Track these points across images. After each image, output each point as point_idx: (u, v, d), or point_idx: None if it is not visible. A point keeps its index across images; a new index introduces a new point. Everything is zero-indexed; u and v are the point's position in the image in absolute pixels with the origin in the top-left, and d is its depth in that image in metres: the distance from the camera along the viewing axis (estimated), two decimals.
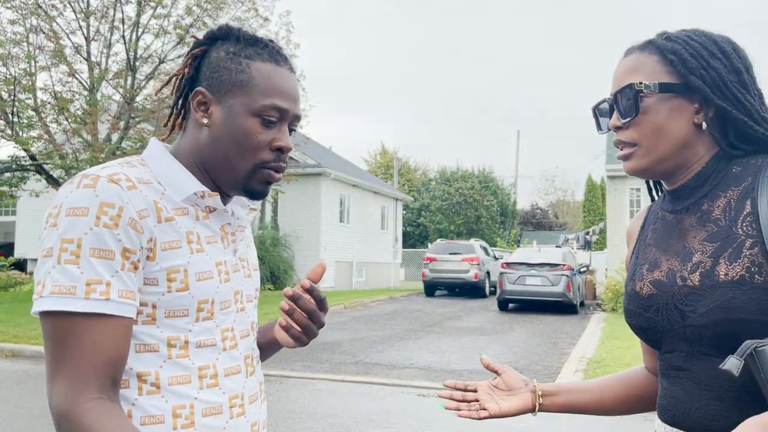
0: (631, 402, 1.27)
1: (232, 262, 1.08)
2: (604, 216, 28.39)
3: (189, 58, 1.08)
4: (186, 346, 0.98)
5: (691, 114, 1.04)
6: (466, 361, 8.45)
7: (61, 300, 0.89)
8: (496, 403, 1.25)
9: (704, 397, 1.01)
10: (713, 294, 0.98)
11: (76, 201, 0.92)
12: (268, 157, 1.05)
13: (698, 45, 1.03)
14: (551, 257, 14.93)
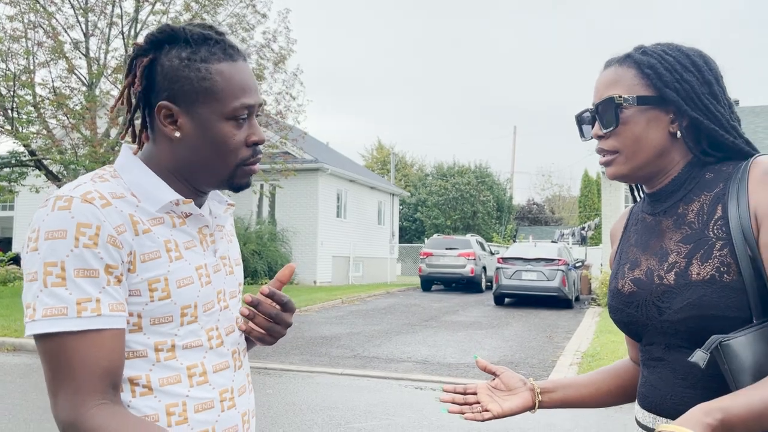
0: (621, 393, 1.35)
1: (212, 264, 1.10)
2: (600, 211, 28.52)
3: (139, 69, 1.05)
4: (173, 349, 1.02)
5: (667, 124, 1.13)
6: (463, 355, 8.56)
7: (54, 322, 0.92)
8: (498, 404, 1.30)
9: (679, 385, 1.10)
10: (686, 292, 1.06)
11: (53, 224, 0.94)
12: (247, 154, 1.07)
13: (672, 59, 1.12)
14: (547, 252, 15.04)
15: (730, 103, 1.14)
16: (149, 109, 1.07)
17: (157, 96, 1.05)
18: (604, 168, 1.18)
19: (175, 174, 1.08)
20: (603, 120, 1.15)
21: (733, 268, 1.03)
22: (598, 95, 1.17)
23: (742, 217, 1.03)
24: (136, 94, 1.06)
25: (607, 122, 1.14)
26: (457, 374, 7.38)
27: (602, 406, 1.37)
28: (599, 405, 1.37)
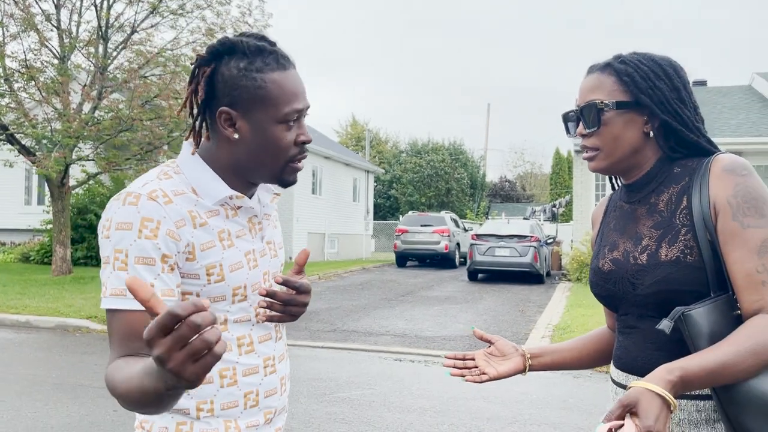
0: (600, 356, 1.55)
1: (260, 249, 1.25)
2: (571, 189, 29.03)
3: (203, 79, 1.16)
4: (225, 322, 1.17)
5: (641, 125, 1.31)
6: (439, 329, 8.83)
7: (116, 300, 1.08)
8: (494, 368, 1.48)
9: (649, 349, 1.29)
10: (656, 270, 1.25)
11: (123, 216, 1.10)
12: (295, 152, 1.21)
13: (647, 69, 1.30)
14: (519, 229, 15.39)
15: (695, 106, 1.32)
16: (210, 113, 1.20)
17: (218, 102, 1.17)
18: (587, 162, 1.37)
19: (232, 170, 1.21)
20: (586, 121, 1.33)
21: (695, 251, 1.22)
22: (582, 98, 1.35)
23: (704, 208, 1.22)
24: (200, 100, 1.19)
25: (590, 123, 1.32)
26: (434, 347, 7.65)
27: (583, 368, 1.58)
28: (581, 367, 1.57)
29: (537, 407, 5.18)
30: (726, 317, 1.17)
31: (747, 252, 1.17)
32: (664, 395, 1.04)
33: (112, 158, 13.19)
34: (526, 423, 4.79)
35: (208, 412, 1.17)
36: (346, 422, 4.59)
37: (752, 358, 1.09)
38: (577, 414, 5.03)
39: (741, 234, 1.18)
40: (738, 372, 1.09)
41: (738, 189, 1.21)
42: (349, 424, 4.56)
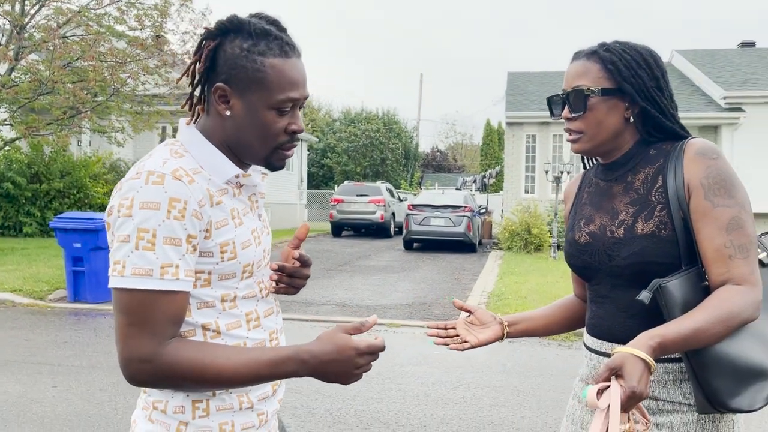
0: (569, 323, 1.66)
1: (260, 227, 1.27)
2: (501, 160, 29.75)
3: (206, 51, 1.18)
4: (234, 299, 1.20)
5: (623, 111, 1.40)
6: (379, 297, 8.98)
7: (141, 280, 1.08)
8: (475, 336, 1.55)
9: (622, 317, 1.39)
10: (632, 243, 1.36)
11: (148, 196, 1.08)
12: (284, 140, 1.22)
13: (630, 58, 1.39)
14: (454, 200, 15.72)
15: (671, 95, 1.43)
16: (209, 86, 1.21)
17: (216, 77, 1.19)
18: (571, 144, 1.45)
19: (224, 146, 1.23)
20: (572, 106, 1.41)
21: (669, 226, 1.33)
22: (568, 84, 1.43)
23: (678, 187, 1.33)
24: (200, 72, 1.20)
25: (575, 108, 1.40)
26: (375, 315, 7.77)
27: (554, 334, 1.69)
28: (552, 333, 1.68)
29: (479, 371, 5.41)
30: (696, 288, 1.29)
31: (716, 229, 1.28)
32: (645, 359, 1.14)
33: (32, 123, 12.48)
34: (469, 386, 4.99)
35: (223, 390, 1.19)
36: (295, 391, 4.65)
37: (721, 325, 1.21)
38: (516, 377, 5.28)
39: (711, 212, 1.29)
40: (708, 337, 1.21)
41: (710, 171, 1.32)
42: (299, 393, 4.63)
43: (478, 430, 4.09)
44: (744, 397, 1.23)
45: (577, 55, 1.44)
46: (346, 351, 1.12)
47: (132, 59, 13.43)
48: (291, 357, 1.12)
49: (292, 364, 1.12)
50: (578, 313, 1.66)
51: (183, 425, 1.17)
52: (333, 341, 1.13)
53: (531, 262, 12.77)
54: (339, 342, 1.13)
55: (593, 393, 1.10)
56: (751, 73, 17.35)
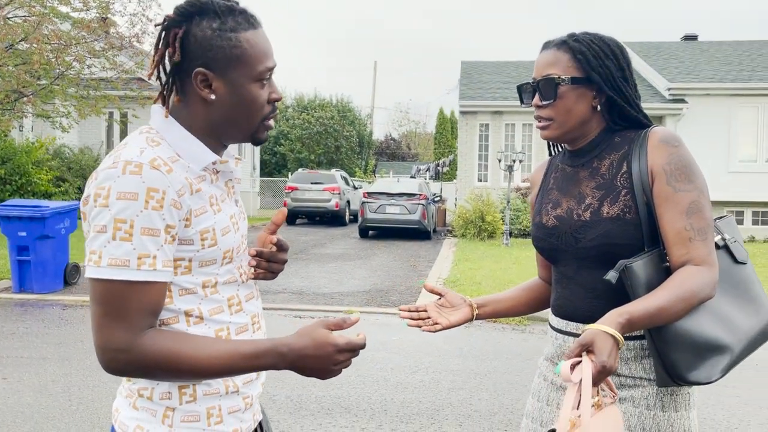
0: (534, 304, 1.73)
1: (237, 213, 1.27)
2: (454, 148, 30.02)
3: (176, 41, 1.15)
4: (215, 285, 1.20)
5: (590, 99, 1.46)
6: (336, 285, 8.99)
7: (117, 271, 1.07)
8: (446, 318, 1.60)
9: (587, 297, 1.46)
10: (598, 226, 1.42)
11: (125, 186, 1.07)
12: (268, 110, 1.23)
13: (598, 48, 1.44)
14: (409, 187, 15.83)
15: (635, 85, 1.49)
16: (182, 75, 1.19)
17: (190, 63, 1.17)
18: (541, 131, 1.50)
19: (207, 132, 1.22)
20: (542, 94, 1.46)
21: (633, 210, 1.39)
22: (539, 72, 1.47)
23: (642, 173, 1.40)
24: (172, 62, 1.18)
25: (546, 96, 1.45)
26: (333, 302, 7.80)
27: (520, 314, 1.75)
28: (518, 314, 1.74)
29: (436, 356, 5.50)
30: (658, 269, 1.36)
31: (677, 212, 1.35)
32: (615, 335, 1.20)
33: None
34: (428, 370, 5.08)
35: None
36: None
37: (682, 304, 1.28)
38: (472, 360, 5.40)
39: (673, 197, 1.36)
40: (671, 315, 1.28)
41: (672, 158, 1.39)
42: None
43: (437, 412, 4.17)
44: (701, 370, 1.31)
45: (547, 44, 1.49)
46: (325, 347, 1.12)
47: (77, 42, 12.96)
48: (269, 350, 1.12)
49: (270, 358, 1.12)
50: (543, 295, 1.72)
51: (170, 411, 1.17)
52: (312, 336, 1.13)
53: (484, 249, 12.99)
54: (318, 337, 1.13)
55: (567, 368, 1.16)
56: (693, 65, 17.99)
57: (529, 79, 1.51)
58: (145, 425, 1.17)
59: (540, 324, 6.85)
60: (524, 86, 1.52)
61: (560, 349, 1.51)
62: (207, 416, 1.19)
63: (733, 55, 18.76)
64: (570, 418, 1.12)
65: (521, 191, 16.30)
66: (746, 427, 4.03)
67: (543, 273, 1.73)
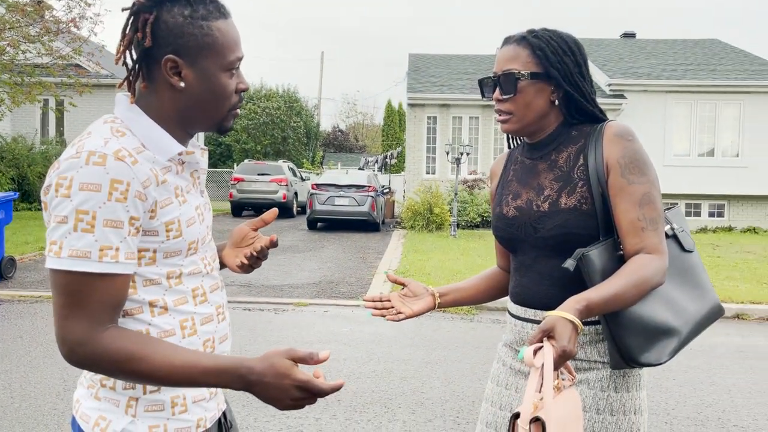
0: (494, 292, 1.77)
1: (203, 203, 1.27)
2: (402, 140, 30.17)
3: (146, 26, 1.14)
4: (180, 276, 1.19)
5: (549, 94, 1.51)
6: (285, 277, 8.93)
7: (78, 262, 1.05)
8: (409, 307, 1.63)
9: (545, 285, 1.51)
10: (557, 216, 1.47)
11: (88, 177, 1.06)
12: (236, 100, 1.24)
13: (556, 44, 1.49)
14: (358, 179, 15.83)
15: (591, 81, 1.55)
16: (150, 61, 1.17)
17: (160, 50, 1.15)
18: (500, 124, 1.54)
19: (173, 120, 1.20)
20: (503, 88, 1.50)
21: (589, 201, 1.46)
22: (500, 67, 1.51)
23: (598, 165, 1.46)
24: (141, 48, 1.16)
25: (506, 90, 1.50)
26: (282, 295, 7.75)
27: (481, 303, 1.79)
28: (479, 302, 1.79)
29: (387, 346, 5.56)
30: (612, 257, 1.42)
31: (631, 203, 1.42)
32: (574, 321, 1.25)
33: None
34: (379, 361, 5.13)
35: None
36: None
37: (635, 290, 1.34)
38: (423, 350, 5.48)
39: (627, 188, 1.43)
40: (625, 301, 1.34)
41: (626, 151, 1.45)
42: None
43: (390, 401, 4.22)
44: (652, 352, 1.38)
45: (507, 40, 1.53)
46: (283, 379, 1.07)
47: (11, 26, 12.37)
48: (229, 369, 1.08)
49: (229, 377, 1.08)
50: (501, 283, 1.78)
51: (133, 401, 1.16)
52: (273, 363, 1.08)
53: (433, 241, 13.15)
54: (279, 367, 1.07)
55: (530, 353, 1.21)
56: (632, 62, 18.64)
57: (488, 74, 1.55)
58: (107, 415, 1.16)
59: (488, 313, 7.01)
60: (485, 80, 1.56)
61: (519, 336, 1.57)
62: (171, 405, 1.19)
63: (668, 53, 19.53)
64: (533, 401, 1.16)
65: (468, 183, 16.56)
66: (682, 407, 4.24)
67: (501, 262, 1.78)
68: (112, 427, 1.15)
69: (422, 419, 3.93)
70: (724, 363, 5.31)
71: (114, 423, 1.15)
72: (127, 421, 1.15)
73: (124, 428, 1.15)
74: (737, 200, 17.40)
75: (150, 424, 1.16)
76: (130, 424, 1.15)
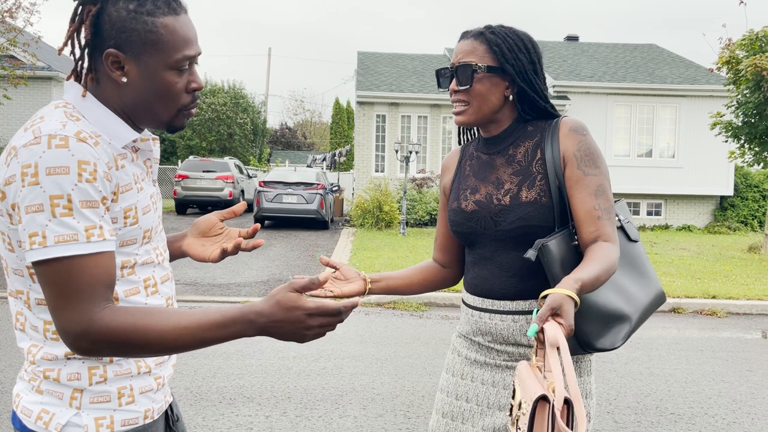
0: (426, 285, 1.76)
1: (155, 193, 1.25)
2: (351, 138, 30.15)
3: (88, 18, 1.12)
4: (134, 266, 1.17)
5: (503, 89, 1.54)
6: (232, 276, 8.80)
7: (68, 247, 1.02)
8: (339, 288, 1.62)
9: (504, 276, 1.54)
10: (517, 210, 1.50)
11: (54, 161, 1.03)
12: (187, 100, 1.20)
13: (512, 41, 1.52)
14: (306, 177, 15.69)
15: (545, 79, 1.59)
16: (95, 54, 1.14)
17: (103, 43, 1.12)
18: (456, 116, 1.56)
19: (119, 114, 1.18)
20: (460, 79, 1.52)
21: (548, 194, 1.49)
22: (457, 59, 1.54)
23: (555, 159, 1.50)
24: (87, 39, 1.13)
25: (463, 82, 1.52)
26: (229, 293, 7.64)
27: (412, 294, 1.77)
28: (410, 293, 1.77)
29: (337, 343, 5.55)
30: (568, 246, 1.47)
31: (587, 194, 1.47)
32: (575, 298, 1.26)
33: None
34: (330, 357, 5.11)
35: None
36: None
37: (606, 275, 1.38)
38: (373, 346, 5.50)
39: (583, 180, 1.48)
40: (600, 284, 1.37)
41: (581, 145, 1.50)
42: None
43: (341, 397, 4.22)
44: (607, 338, 1.43)
45: (465, 34, 1.56)
46: (293, 311, 1.08)
47: None
48: (237, 318, 1.08)
49: (239, 325, 1.08)
50: (436, 277, 1.77)
51: (78, 392, 1.12)
52: (278, 301, 1.08)
53: (382, 238, 13.19)
54: (285, 302, 1.08)
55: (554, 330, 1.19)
56: (575, 65, 19.17)
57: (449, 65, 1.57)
58: (50, 409, 1.12)
59: (437, 310, 7.09)
60: (442, 71, 1.58)
61: (476, 325, 1.59)
62: (118, 396, 1.15)
63: (610, 56, 20.18)
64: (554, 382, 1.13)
65: (417, 182, 16.68)
66: (623, 397, 4.40)
67: (440, 256, 1.78)
68: (56, 420, 1.11)
69: (373, 414, 3.94)
70: (661, 354, 5.53)
71: (58, 416, 1.12)
72: (71, 413, 1.12)
73: (69, 421, 1.11)
74: (673, 199, 18.14)
75: (96, 416, 1.13)
76: (75, 417, 1.12)
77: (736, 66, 12.22)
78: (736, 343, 6.07)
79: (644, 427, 3.88)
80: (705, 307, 7.46)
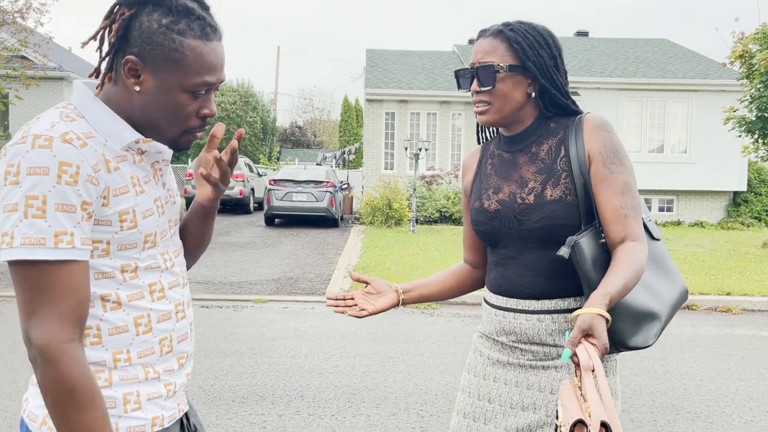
0: (460, 288, 1.75)
1: (164, 196, 1.22)
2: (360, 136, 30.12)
3: (120, 21, 1.11)
4: (136, 270, 1.14)
5: (526, 87, 1.51)
6: (244, 274, 8.81)
7: (33, 250, 1.00)
8: (372, 304, 1.61)
9: (529, 275, 1.51)
10: (542, 208, 1.48)
11: (36, 161, 1.01)
12: (195, 124, 1.18)
13: (532, 38, 1.49)
14: (316, 175, 15.70)
15: (566, 74, 1.56)
16: (118, 56, 1.13)
17: (127, 47, 1.11)
18: (478, 115, 1.53)
19: (127, 119, 1.16)
20: (481, 80, 1.50)
21: (573, 192, 1.47)
22: (477, 59, 1.51)
23: (580, 157, 1.47)
24: (111, 41, 1.12)
25: (485, 82, 1.49)
26: (241, 292, 7.64)
27: (446, 299, 1.77)
28: (444, 298, 1.76)
29: (349, 341, 5.53)
30: (596, 244, 1.44)
31: (613, 192, 1.44)
32: (606, 316, 1.24)
33: None
34: (341, 356, 5.10)
35: (125, 362, 1.14)
36: None
37: (635, 279, 1.36)
38: (385, 344, 5.48)
39: (609, 178, 1.45)
40: (629, 289, 1.35)
41: (606, 142, 1.47)
42: None
43: (353, 396, 4.20)
44: (639, 336, 1.41)
45: (483, 32, 1.53)
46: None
47: None
48: None
49: None
50: (469, 279, 1.76)
51: None
52: None
53: (392, 236, 13.17)
54: None
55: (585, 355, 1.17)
56: (585, 60, 19.03)
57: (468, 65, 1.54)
58: None
59: (448, 307, 7.06)
60: (462, 71, 1.55)
61: (499, 325, 1.56)
62: (124, 402, 1.13)
63: (620, 51, 20.03)
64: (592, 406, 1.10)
65: (426, 179, 16.64)
66: (639, 396, 4.35)
67: (470, 257, 1.76)
68: None
69: (386, 413, 3.92)
70: (676, 352, 5.48)
71: None
72: None
73: None
74: (685, 195, 17.99)
75: None
76: None
77: (749, 60, 12.09)
78: (752, 340, 6.00)
79: (661, 426, 3.84)
80: (720, 303, 7.38)
